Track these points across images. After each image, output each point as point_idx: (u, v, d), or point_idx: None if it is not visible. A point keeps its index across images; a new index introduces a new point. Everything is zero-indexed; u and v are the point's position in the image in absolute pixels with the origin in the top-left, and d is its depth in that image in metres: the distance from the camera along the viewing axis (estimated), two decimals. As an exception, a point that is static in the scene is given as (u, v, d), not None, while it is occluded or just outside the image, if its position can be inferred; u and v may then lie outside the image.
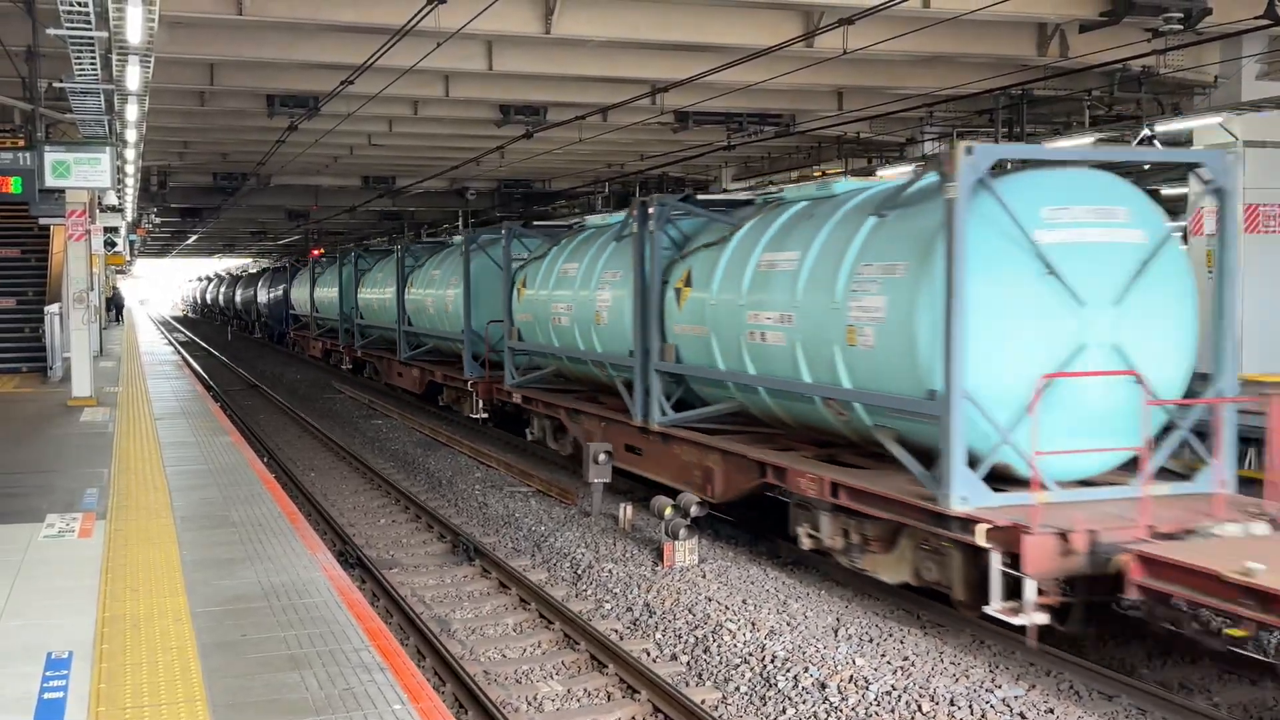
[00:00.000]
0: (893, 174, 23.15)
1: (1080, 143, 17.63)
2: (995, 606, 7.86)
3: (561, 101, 18.98)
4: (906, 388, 8.85)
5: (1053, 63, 15.98)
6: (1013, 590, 7.75)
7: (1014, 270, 8.46)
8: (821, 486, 9.53)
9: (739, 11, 14.67)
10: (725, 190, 29.27)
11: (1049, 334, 8.48)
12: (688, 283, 12.24)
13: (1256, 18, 12.51)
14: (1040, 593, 7.71)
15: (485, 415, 19.50)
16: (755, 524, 12.20)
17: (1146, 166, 11.41)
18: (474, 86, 18.18)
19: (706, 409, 12.21)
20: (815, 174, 25.70)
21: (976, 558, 8.10)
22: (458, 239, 22.36)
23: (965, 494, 8.14)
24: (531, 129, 20.03)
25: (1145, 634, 8.53)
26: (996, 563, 7.82)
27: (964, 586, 8.37)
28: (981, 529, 7.90)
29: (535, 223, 19.87)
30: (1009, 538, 7.73)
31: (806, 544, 10.06)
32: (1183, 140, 18.44)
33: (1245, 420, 10.24)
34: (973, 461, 8.32)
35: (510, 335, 17.31)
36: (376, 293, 28.08)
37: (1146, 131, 16.30)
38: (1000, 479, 8.42)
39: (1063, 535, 7.64)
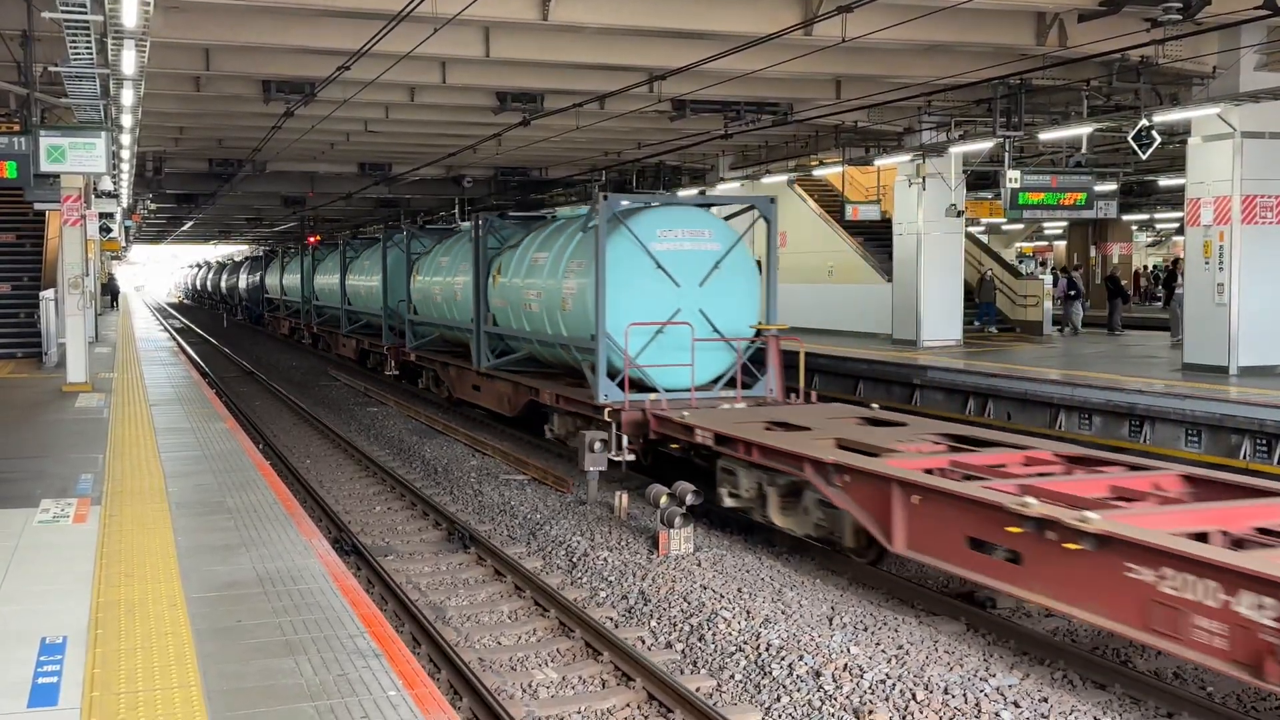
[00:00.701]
0: (891, 163, 23.15)
1: (689, 193, 26.87)
2: (612, 455, 12.90)
3: (559, 89, 18.92)
4: (585, 334, 14.58)
5: (1051, 52, 15.95)
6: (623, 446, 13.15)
7: (639, 267, 14.22)
8: (553, 398, 15.46)
9: (737, -1, 14.62)
10: (721, 179, 29.26)
11: (659, 302, 14.16)
12: (499, 271, 18.02)
13: (1255, 8, 12.49)
14: (630, 444, 13.17)
15: (397, 373, 24.76)
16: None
17: (722, 212, 15.82)
18: (471, 73, 18.11)
19: (512, 355, 18.12)
20: (812, 163, 25.65)
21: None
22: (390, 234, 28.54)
23: (606, 394, 13.78)
24: (529, 116, 19.96)
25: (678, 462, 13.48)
26: (614, 429, 13.15)
27: (615, 450, 13.04)
28: (606, 411, 13.36)
29: (428, 226, 28.31)
30: (618, 415, 13.24)
31: (549, 434, 15.96)
32: (1179, 130, 18.43)
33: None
34: (614, 374, 13.83)
35: (410, 310, 23.63)
36: (327, 279, 34.13)
37: (1145, 122, 16.27)
38: (642, 388, 13.76)
39: (642, 411, 13.22)
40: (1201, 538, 7.11)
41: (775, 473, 10.70)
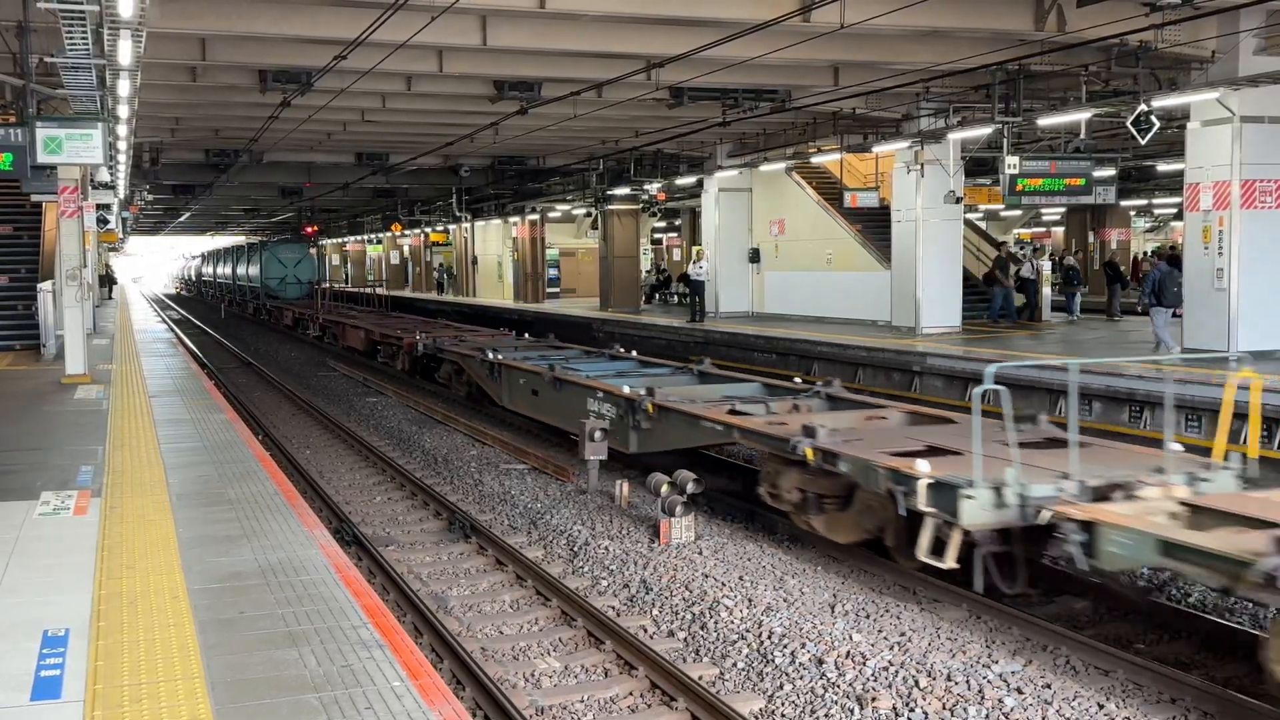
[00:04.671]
0: (889, 149, 23.11)
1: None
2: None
3: (556, 77, 18.87)
4: (262, 284, 50.56)
5: (1050, 37, 15.91)
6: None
7: (275, 261, 50.22)
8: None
9: (735, -15, 14.58)
10: (720, 166, 29.20)
11: (282, 272, 50.11)
12: (251, 264, 54.51)
13: (1255, -8, 12.46)
14: None
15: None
16: (751, 501, 12.21)
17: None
18: (468, 62, 18.05)
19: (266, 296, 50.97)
20: (810, 150, 25.60)
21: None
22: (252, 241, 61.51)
23: (267, 301, 50.10)
24: (526, 105, 19.92)
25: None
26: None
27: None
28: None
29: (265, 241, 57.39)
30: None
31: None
32: (1178, 115, 18.40)
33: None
34: (270, 295, 49.48)
35: (262, 282, 50.54)
36: (229, 268, 62.29)
37: (1143, 107, 16.24)
38: (278, 299, 48.30)
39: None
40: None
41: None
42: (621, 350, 18.09)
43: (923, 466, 8.33)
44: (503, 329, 26.72)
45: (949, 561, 8.06)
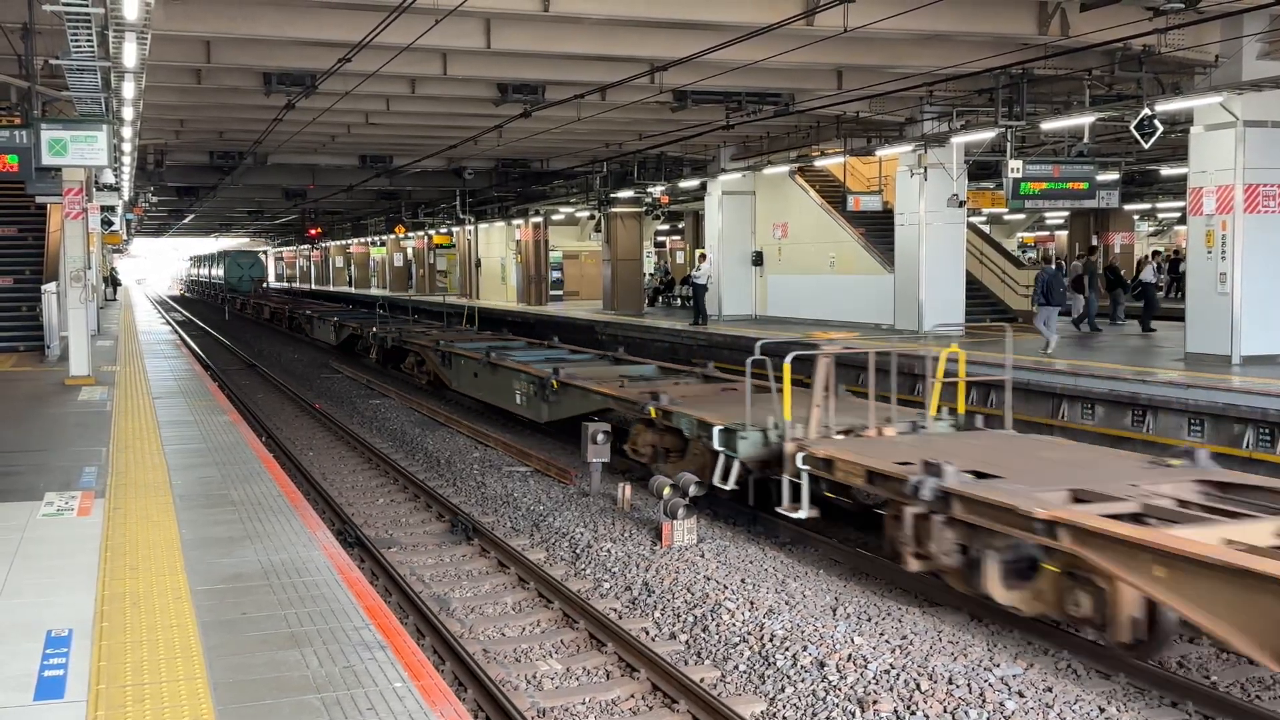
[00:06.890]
0: (892, 153, 23.12)
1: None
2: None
3: (560, 80, 18.90)
4: (225, 281, 72.82)
5: (1053, 41, 15.93)
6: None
7: (237, 264, 72.45)
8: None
9: (739, -11, 14.61)
10: (723, 169, 29.22)
11: (241, 273, 71.00)
12: (218, 266, 79.79)
13: (1258, -4, 12.47)
14: None
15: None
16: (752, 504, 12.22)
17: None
18: (472, 65, 18.09)
19: (230, 290, 69.82)
20: (814, 153, 25.62)
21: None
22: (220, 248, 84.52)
23: (232, 294, 68.38)
24: (529, 108, 19.94)
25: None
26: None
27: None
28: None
29: (230, 251, 79.32)
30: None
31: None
32: (1182, 119, 18.40)
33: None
34: (232, 290, 68.75)
35: (226, 280, 72.93)
36: (208, 269, 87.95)
37: (1147, 111, 16.25)
38: (238, 293, 68.20)
39: None
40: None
41: None
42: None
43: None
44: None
45: (730, 485, 11.07)
